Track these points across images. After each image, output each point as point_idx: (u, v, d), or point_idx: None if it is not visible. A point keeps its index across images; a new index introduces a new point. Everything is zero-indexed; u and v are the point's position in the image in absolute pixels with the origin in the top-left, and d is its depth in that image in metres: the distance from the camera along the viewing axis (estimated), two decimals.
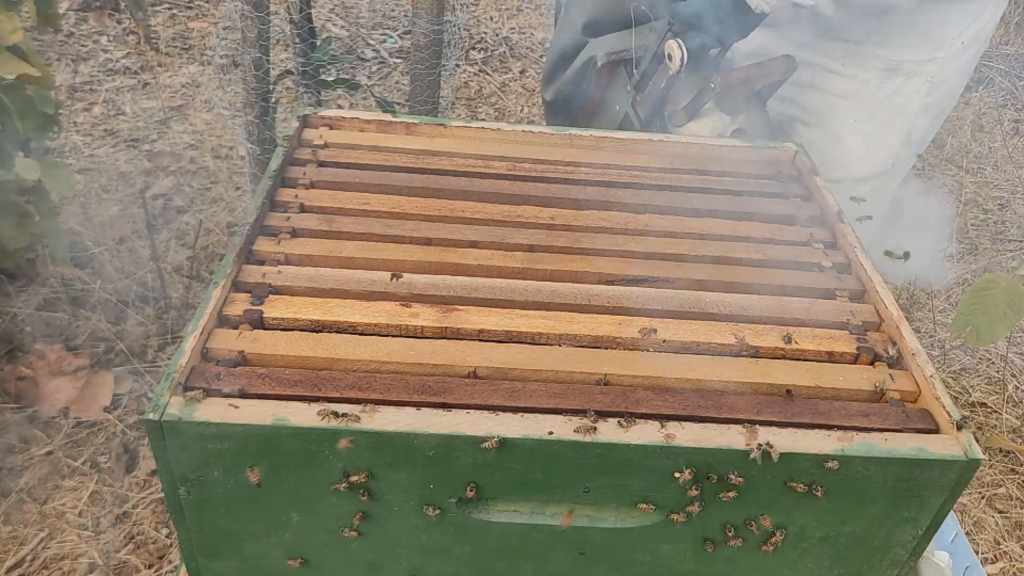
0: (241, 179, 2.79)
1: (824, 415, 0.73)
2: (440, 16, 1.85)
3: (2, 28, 1.58)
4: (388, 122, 1.08)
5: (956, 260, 2.88)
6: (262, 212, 0.90)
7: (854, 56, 1.29)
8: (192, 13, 3.91)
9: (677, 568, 0.78)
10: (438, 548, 0.75)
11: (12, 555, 1.72)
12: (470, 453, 0.68)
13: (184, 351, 0.71)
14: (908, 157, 1.38)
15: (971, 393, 2.35)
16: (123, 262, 2.40)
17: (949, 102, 1.38)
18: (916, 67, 1.31)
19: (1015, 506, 2.07)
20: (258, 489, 0.70)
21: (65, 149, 2.91)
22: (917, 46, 1.29)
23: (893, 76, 1.30)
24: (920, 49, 1.29)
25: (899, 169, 1.39)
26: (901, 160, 1.37)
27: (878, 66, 1.29)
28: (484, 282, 0.84)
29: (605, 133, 1.10)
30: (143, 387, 2.09)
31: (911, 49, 1.29)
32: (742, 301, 0.85)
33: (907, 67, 1.30)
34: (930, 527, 0.74)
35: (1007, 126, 3.67)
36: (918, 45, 1.29)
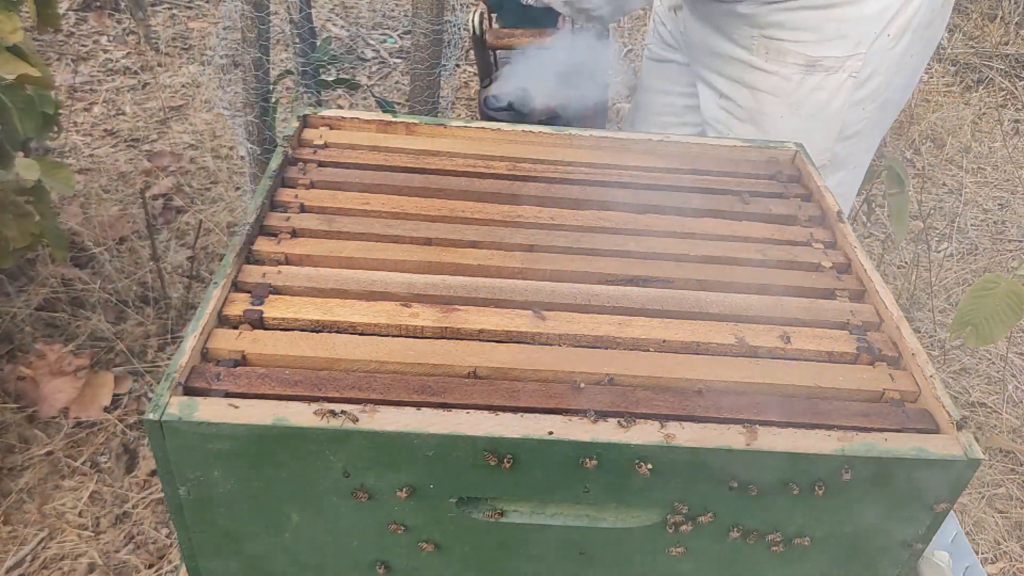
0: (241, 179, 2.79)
1: (824, 415, 0.73)
2: (440, 16, 1.85)
3: (2, 28, 1.58)
4: (388, 122, 1.08)
5: (956, 260, 2.88)
6: (262, 212, 0.90)
7: (775, 52, 1.30)
8: (192, 13, 3.91)
9: (677, 568, 0.78)
10: (438, 548, 0.75)
11: (12, 555, 1.72)
12: (470, 453, 0.68)
13: (184, 351, 0.71)
14: (850, 151, 1.38)
15: (971, 393, 2.35)
16: (123, 262, 2.40)
17: (894, 93, 1.37)
18: (836, 63, 1.30)
19: (1015, 506, 2.07)
20: (258, 489, 0.70)
21: (65, 149, 2.91)
22: (834, 41, 1.29)
23: (813, 72, 1.30)
24: (838, 45, 1.29)
25: (842, 163, 1.38)
26: (840, 155, 1.37)
27: (798, 62, 1.30)
28: (484, 282, 0.84)
29: (605, 133, 1.10)
30: (143, 387, 2.09)
31: (828, 44, 1.29)
32: (742, 301, 0.85)
33: (826, 63, 1.30)
34: (930, 527, 0.74)
35: (1007, 126, 3.67)
36: (835, 41, 1.29)
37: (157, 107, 3.19)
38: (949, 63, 3.99)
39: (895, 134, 3.52)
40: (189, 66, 3.44)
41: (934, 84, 3.85)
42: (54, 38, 3.54)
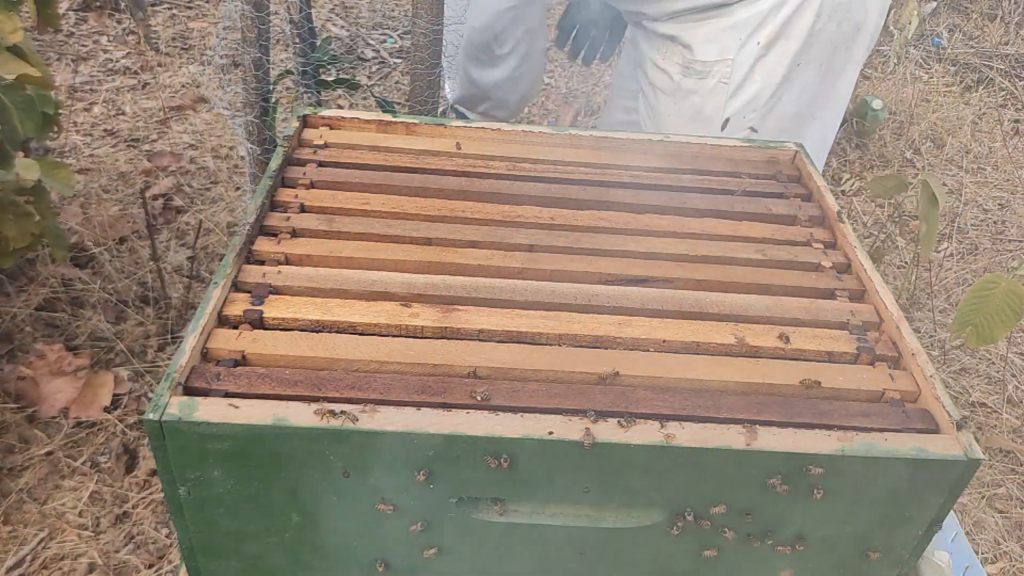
0: (241, 179, 2.79)
1: (824, 415, 0.73)
2: (440, 16, 1.85)
3: (2, 28, 1.58)
4: (388, 122, 1.08)
5: (956, 260, 2.88)
6: (262, 212, 0.90)
7: (668, 52, 1.36)
8: (192, 13, 3.91)
9: (677, 568, 0.78)
10: (438, 548, 0.75)
11: (12, 555, 1.72)
12: (470, 453, 0.68)
13: (184, 351, 0.71)
14: None
15: (971, 393, 2.35)
16: (123, 262, 2.41)
17: (787, 106, 1.37)
18: (704, 67, 1.34)
19: (1015, 506, 2.07)
20: (258, 489, 0.70)
21: (65, 149, 2.91)
22: (705, 46, 1.33)
23: (688, 75, 1.36)
24: (708, 49, 1.33)
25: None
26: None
27: (678, 62, 1.35)
28: (484, 282, 0.84)
29: (605, 133, 1.10)
30: (143, 387, 2.09)
31: (700, 48, 1.33)
32: (742, 301, 0.85)
33: (696, 67, 1.35)
34: (930, 527, 0.74)
35: (1007, 126, 3.67)
36: (705, 45, 1.33)
37: (157, 107, 3.19)
38: (949, 63, 3.99)
39: (895, 134, 3.52)
40: (189, 66, 3.44)
41: (934, 84, 3.85)
42: (54, 38, 3.54)
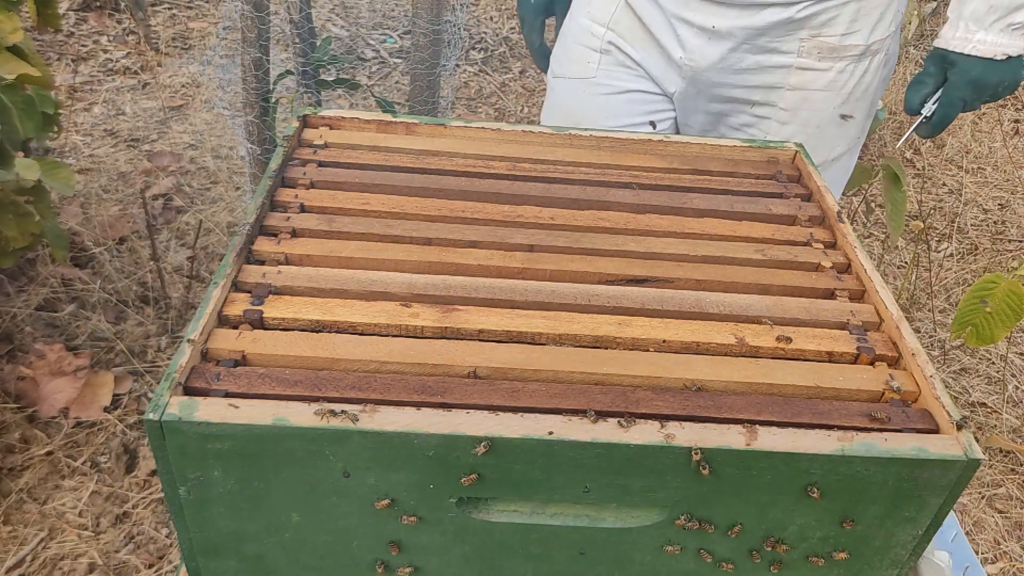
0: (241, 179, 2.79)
1: (824, 415, 0.73)
2: (440, 16, 1.85)
3: (2, 28, 1.58)
4: (388, 122, 1.08)
5: (956, 260, 2.88)
6: (262, 212, 0.90)
7: (829, 49, 1.35)
8: (192, 13, 3.92)
9: (677, 568, 0.78)
10: (438, 548, 0.75)
11: (12, 555, 1.72)
12: (470, 453, 0.68)
13: (184, 351, 0.71)
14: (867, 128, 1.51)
15: (971, 393, 2.35)
16: (123, 262, 2.41)
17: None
18: (879, 45, 1.37)
19: (1015, 506, 2.07)
20: (258, 489, 0.70)
21: (65, 149, 2.91)
22: (880, 24, 1.35)
23: (863, 59, 1.36)
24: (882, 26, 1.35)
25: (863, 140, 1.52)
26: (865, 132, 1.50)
27: (854, 53, 1.35)
28: (484, 282, 0.84)
29: (605, 133, 1.10)
30: (143, 387, 2.09)
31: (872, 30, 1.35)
32: (742, 301, 0.85)
33: (874, 47, 1.36)
34: (930, 527, 0.74)
35: (1007, 126, 3.67)
36: (880, 22, 1.35)
37: (157, 107, 3.19)
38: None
39: (895, 134, 3.53)
40: (189, 66, 3.45)
41: None
42: (54, 38, 3.55)
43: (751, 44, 1.34)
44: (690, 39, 1.35)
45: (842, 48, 1.34)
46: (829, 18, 1.31)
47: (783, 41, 1.33)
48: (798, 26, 1.31)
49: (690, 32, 1.35)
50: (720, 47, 1.34)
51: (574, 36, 1.51)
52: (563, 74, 1.53)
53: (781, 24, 1.31)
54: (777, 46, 1.34)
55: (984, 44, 1.21)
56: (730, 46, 1.34)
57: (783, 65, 1.36)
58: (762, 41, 1.33)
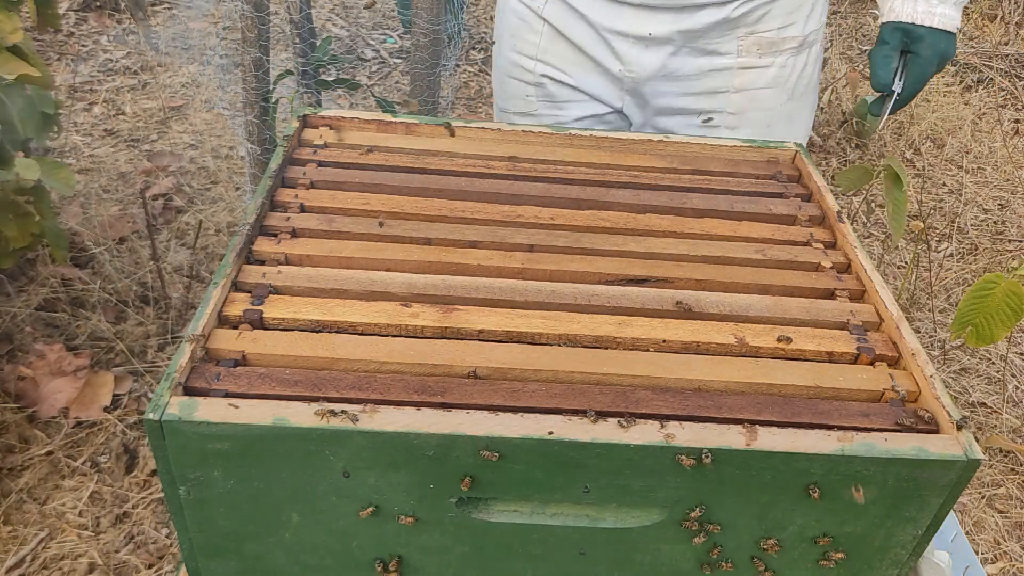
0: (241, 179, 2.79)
1: (824, 415, 0.73)
2: (440, 16, 1.85)
3: (2, 28, 1.59)
4: (388, 122, 1.08)
5: (956, 260, 2.88)
6: (262, 212, 0.90)
7: (768, 44, 1.34)
8: (192, 13, 3.92)
9: (678, 568, 0.78)
10: (438, 548, 0.75)
11: (12, 555, 1.72)
12: (470, 453, 0.68)
13: (184, 351, 0.71)
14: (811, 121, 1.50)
15: (971, 393, 2.35)
16: (123, 262, 2.41)
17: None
18: (815, 36, 1.36)
19: (1015, 506, 2.07)
20: (258, 489, 0.70)
21: (65, 149, 2.91)
22: (812, 14, 1.35)
23: (802, 51, 1.36)
24: (815, 16, 1.35)
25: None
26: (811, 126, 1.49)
27: (793, 46, 1.34)
28: (484, 282, 0.84)
29: (605, 133, 1.10)
30: (143, 387, 2.09)
31: (810, 20, 1.35)
32: (742, 301, 0.85)
33: (811, 38, 1.36)
34: (930, 527, 0.74)
35: (1007, 126, 3.67)
36: (812, 12, 1.35)
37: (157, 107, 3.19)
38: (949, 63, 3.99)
39: (895, 134, 3.53)
40: (189, 66, 3.45)
41: (934, 84, 3.85)
42: (54, 38, 3.55)
43: (690, 47, 1.32)
44: (626, 50, 1.32)
45: (780, 42, 1.33)
46: (763, 13, 1.30)
47: (721, 42, 1.32)
48: (734, 24, 1.30)
49: (625, 43, 1.32)
50: (659, 54, 1.32)
51: (505, 71, 1.48)
52: (506, 108, 1.51)
53: (718, 24, 1.29)
54: (716, 47, 1.32)
55: (945, 18, 1.19)
56: (669, 51, 1.32)
57: (725, 67, 1.34)
58: (701, 43, 1.31)
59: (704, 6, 1.27)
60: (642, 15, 1.29)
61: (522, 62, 1.43)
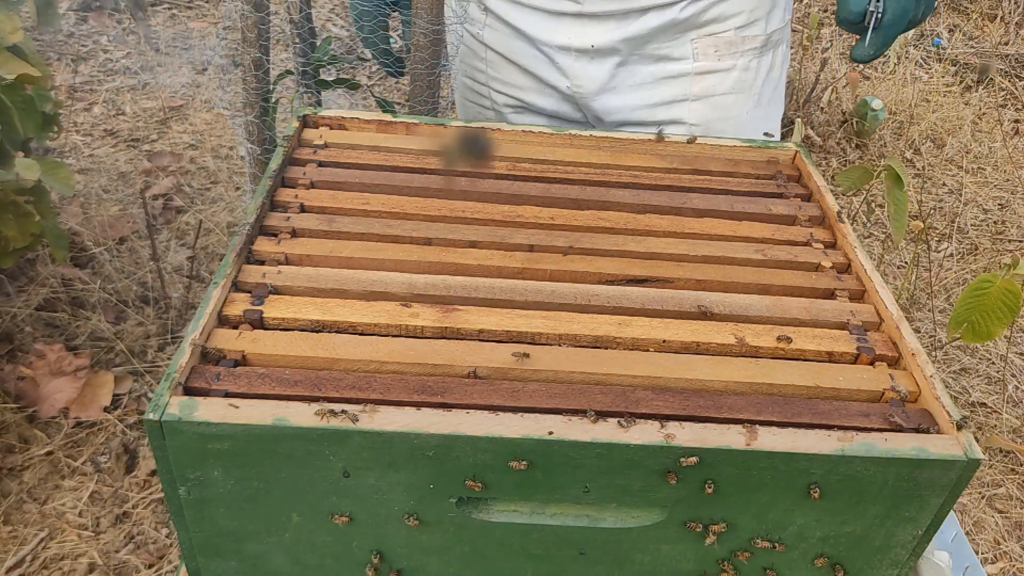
0: (241, 179, 2.79)
1: (824, 415, 0.73)
2: (440, 16, 1.85)
3: (2, 28, 1.59)
4: (388, 122, 1.08)
5: (956, 260, 2.88)
6: (262, 212, 0.90)
7: (727, 44, 1.21)
8: (192, 13, 3.92)
9: (678, 568, 0.78)
10: (438, 548, 0.75)
11: (12, 555, 1.72)
12: (470, 453, 0.68)
13: (184, 351, 0.71)
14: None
15: (971, 393, 2.35)
16: (123, 262, 2.41)
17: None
18: (779, 35, 1.25)
19: (1015, 506, 2.07)
20: (258, 489, 0.70)
21: (65, 149, 2.91)
22: (775, 11, 1.22)
23: (766, 52, 1.24)
24: (777, 13, 1.23)
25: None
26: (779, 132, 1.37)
27: (755, 46, 1.22)
28: (484, 282, 0.84)
29: (605, 133, 1.10)
30: (143, 387, 2.09)
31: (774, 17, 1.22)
32: (742, 301, 0.85)
33: (775, 36, 1.24)
34: (930, 527, 0.74)
35: (1007, 126, 3.67)
36: (774, 10, 1.22)
37: (157, 107, 3.19)
38: (949, 63, 3.99)
39: (895, 134, 3.53)
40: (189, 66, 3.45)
41: (934, 84, 3.85)
42: (54, 38, 3.55)
43: (638, 55, 1.20)
44: (570, 64, 1.22)
45: (740, 42, 1.20)
46: (718, 13, 1.18)
47: (673, 46, 1.19)
48: (685, 26, 1.18)
49: (568, 57, 1.21)
50: (605, 65, 1.21)
51: (463, 93, 1.41)
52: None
53: (666, 28, 1.17)
54: (668, 52, 1.20)
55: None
56: (616, 61, 1.20)
57: (681, 73, 1.21)
58: (649, 49, 1.20)
59: (647, 9, 1.16)
60: (581, 25, 1.18)
61: (475, 87, 1.37)
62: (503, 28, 1.27)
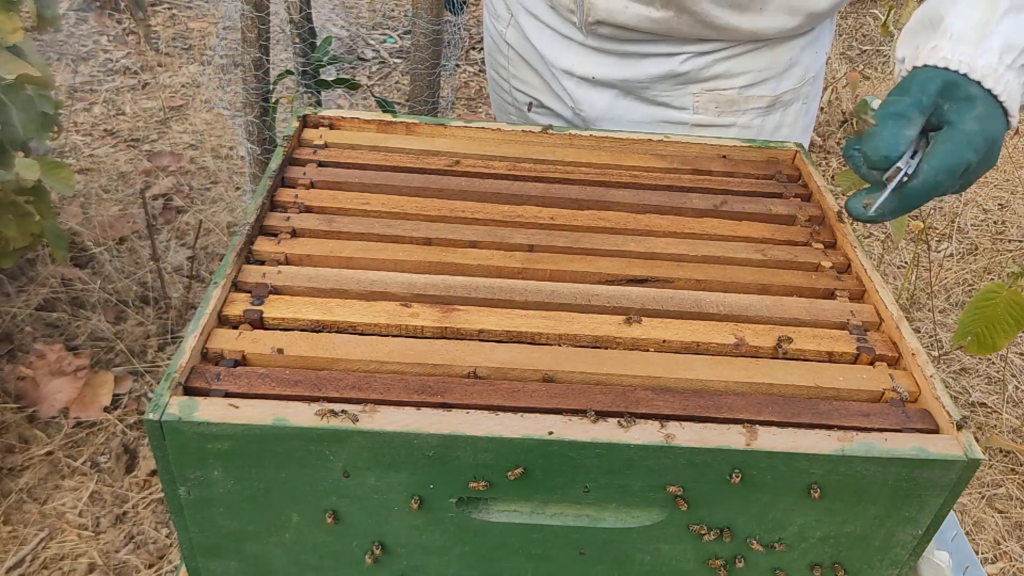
0: (241, 179, 2.79)
1: (824, 415, 0.73)
2: (440, 16, 1.85)
3: (2, 28, 1.59)
4: (388, 122, 1.08)
5: (956, 260, 2.88)
6: (262, 212, 0.90)
7: (728, 102, 1.17)
8: (192, 13, 3.92)
9: (677, 568, 0.78)
10: (438, 548, 0.75)
11: (12, 555, 1.72)
12: (470, 453, 0.68)
13: (184, 351, 0.71)
14: None
15: (971, 393, 2.35)
16: (123, 262, 2.41)
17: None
18: (792, 95, 1.20)
19: (1015, 506, 2.07)
20: (258, 489, 0.70)
21: (65, 149, 2.91)
22: (790, 71, 1.17)
23: (773, 111, 1.20)
24: (795, 73, 1.18)
25: None
26: None
27: (759, 106, 1.18)
28: (484, 282, 0.84)
29: (605, 133, 1.10)
30: (143, 387, 2.09)
31: (788, 77, 1.18)
32: (742, 301, 0.85)
33: (786, 97, 1.20)
34: (930, 527, 0.74)
35: None
36: (790, 70, 1.17)
37: (157, 107, 3.19)
38: None
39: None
40: (189, 66, 3.45)
41: None
42: (54, 38, 3.55)
43: (637, 96, 1.19)
44: (574, 89, 1.23)
45: (743, 101, 1.16)
46: (723, 70, 1.14)
47: (673, 96, 1.17)
48: (686, 79, 1.15)
49: (571, 81, 1.22)
50: (606, 95, 1.21)
51: (491, 85, 1.44)
52: (500, 119, 1.46)
53: (665, 78, 1.15)
54: (668, 101, 1.18)
55: (1013, 88, 0.77)
56: (615, 94, 1.20)
57: (679, 121, 1.19)
58: (649, 94, 1.18)
59: (647, 56, 1.14)
60: (585, 54, 1.18)
61: (499, 81, 1.39)
62: (521, 34, 1.29)
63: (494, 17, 1.35)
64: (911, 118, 0.77)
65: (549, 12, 1.20)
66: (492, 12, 1.35)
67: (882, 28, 3.99)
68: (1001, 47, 0.76)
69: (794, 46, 1.16)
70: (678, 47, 1.13)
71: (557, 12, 1.18)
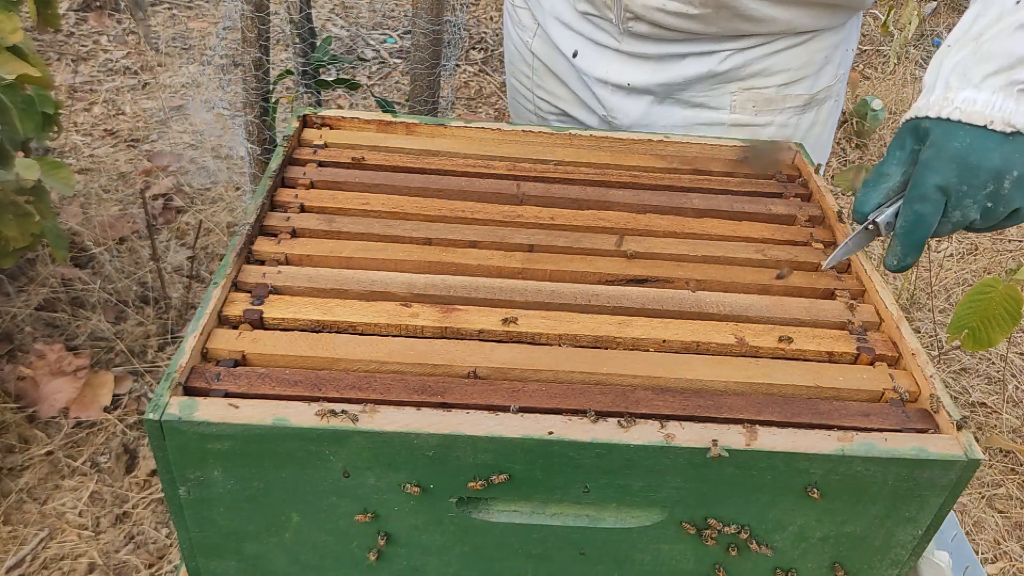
0: (241, 179, 2.79)
1: (824, 415, 0.73)
2: (440, 16, 1.85)
3: (2, 28, 1.59)
4: (388, 122, 1.08)
5: (956, 260, 2.88)
6: (262, 212, 0.90)
7: (766, 101, 1.17)
8: (192, 13, 3.92)
9: (677, 568, 0.78)
10: (438, 548, 0.75)
11: (12, 555, 1.72)
12: (470, 453, 0.68)
13: (184, 351, 0.71)
14: None
15: (971, 393, 2.35)
16: (123, 262, 2.41)
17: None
18: (826, 93, 1.21)
19: (1015, 506, 2.07)
20: (258, 489, 0.70)
21: (65, 149, 2.91)
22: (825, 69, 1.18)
23: (809, 109, 1.20)
24: (829, 71, 1.19)
25: None
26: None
27: (797, 104, 1.18)
28: (484, 282, 0.84)
29: (605, 133, 1.10)
30: (143, 387, 2.09)
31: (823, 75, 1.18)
32: (742, 301, 0.85)
33: (821, 95, 1.20)
34: (930, 527, 0.74)
35: None
36: (825, 67, 1.18)
37: (157, 107, 3.19)
38: None
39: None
40: (189, 66, 3.45)
41: None
42: (54, 38, 3.55)
43: (675, 99, 1.19)
44: (607, 96, 1.22)
45: (781, 99, 1.17)
46: (761, 68, 1.15)
47: (711, 96, 1.17)
48: (724, 79, 1.15)
49: (605, 90, 1.21)
50: (640, 102, 1.20)
51: (511, 93, 1.43)
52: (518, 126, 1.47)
53: (704, 78, 1.15)
54: (705, 101, 1.18)
55: (974, 105, 0.77)
56: (651, 100, 1.20)
57: (715, 122, 1.19)
58: (686, 96, 1.18)
59: (685, 56, 1.14)
60: (621, 62, 1.18)
61: (521, 90, 1.38)
62: (549, 44, 1.27)
63: (519, 27, 1.33)
64: (890, 174, 0.84)
65: (581, 20, 1.19)
66: (516, 22, 1.34)
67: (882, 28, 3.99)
68: (946, 78, 0.81)
69: (828, 44, 1.16)
70: (716, 45, 1.13)
71: (593, 5, 1.16)
